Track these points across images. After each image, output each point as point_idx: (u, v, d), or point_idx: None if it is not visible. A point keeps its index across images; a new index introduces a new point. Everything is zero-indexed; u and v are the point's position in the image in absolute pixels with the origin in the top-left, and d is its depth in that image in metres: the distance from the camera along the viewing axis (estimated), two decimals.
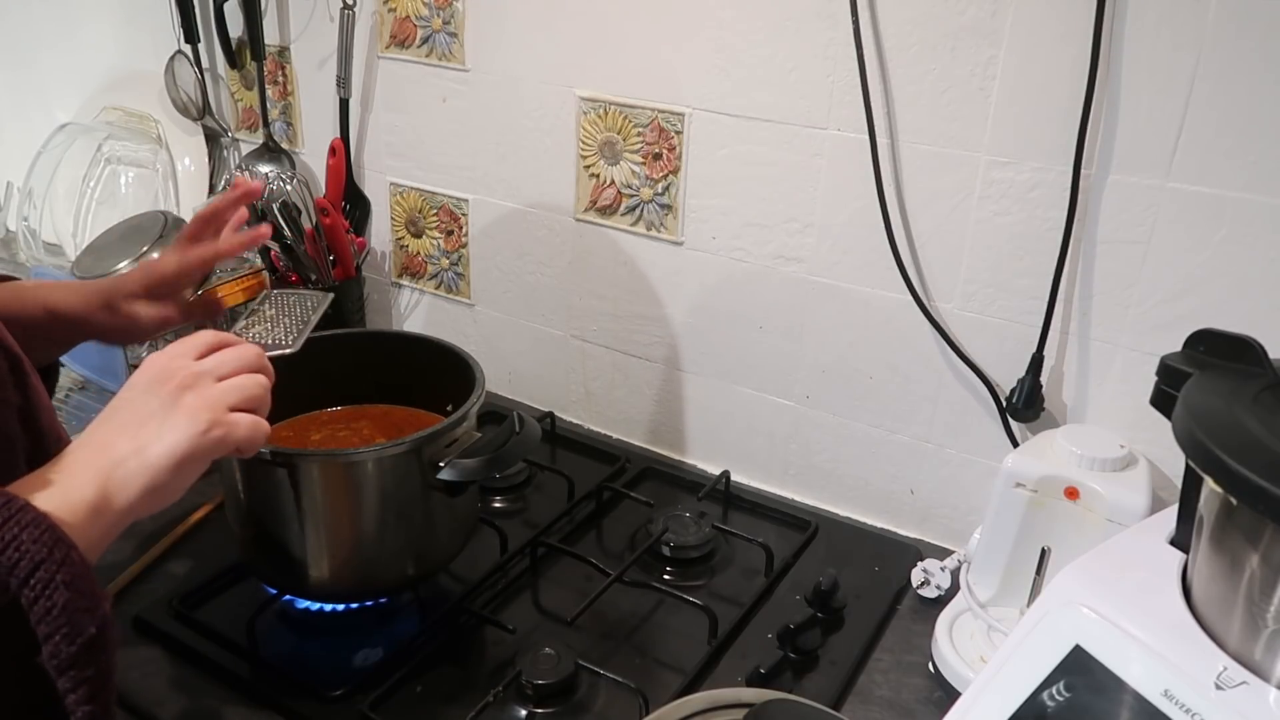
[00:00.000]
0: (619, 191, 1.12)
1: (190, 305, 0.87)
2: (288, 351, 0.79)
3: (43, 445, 0.65)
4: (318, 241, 1.24)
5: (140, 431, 0.58)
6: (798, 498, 1.12)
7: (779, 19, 0.95)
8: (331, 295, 0.87)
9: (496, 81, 1.16)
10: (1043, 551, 0.83)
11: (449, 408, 0.89)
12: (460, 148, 1.23)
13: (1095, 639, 0.55)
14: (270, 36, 1.34)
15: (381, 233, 1.35)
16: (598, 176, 1.13)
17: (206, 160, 1.44)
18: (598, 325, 1.20)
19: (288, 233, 1.24)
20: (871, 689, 0.85)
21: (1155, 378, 0.61)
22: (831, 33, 0.93)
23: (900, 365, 1.00)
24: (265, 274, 1.31)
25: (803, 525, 1.05)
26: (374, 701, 0.79)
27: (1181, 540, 0.60)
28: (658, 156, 1.07)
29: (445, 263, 1.30)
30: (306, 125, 1.38)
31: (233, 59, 1.39)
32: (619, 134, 1.09)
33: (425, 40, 1.20)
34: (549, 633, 0.89)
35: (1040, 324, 0.90)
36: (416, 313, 1.37)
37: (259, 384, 0.65)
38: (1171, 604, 0.55)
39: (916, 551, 1.01)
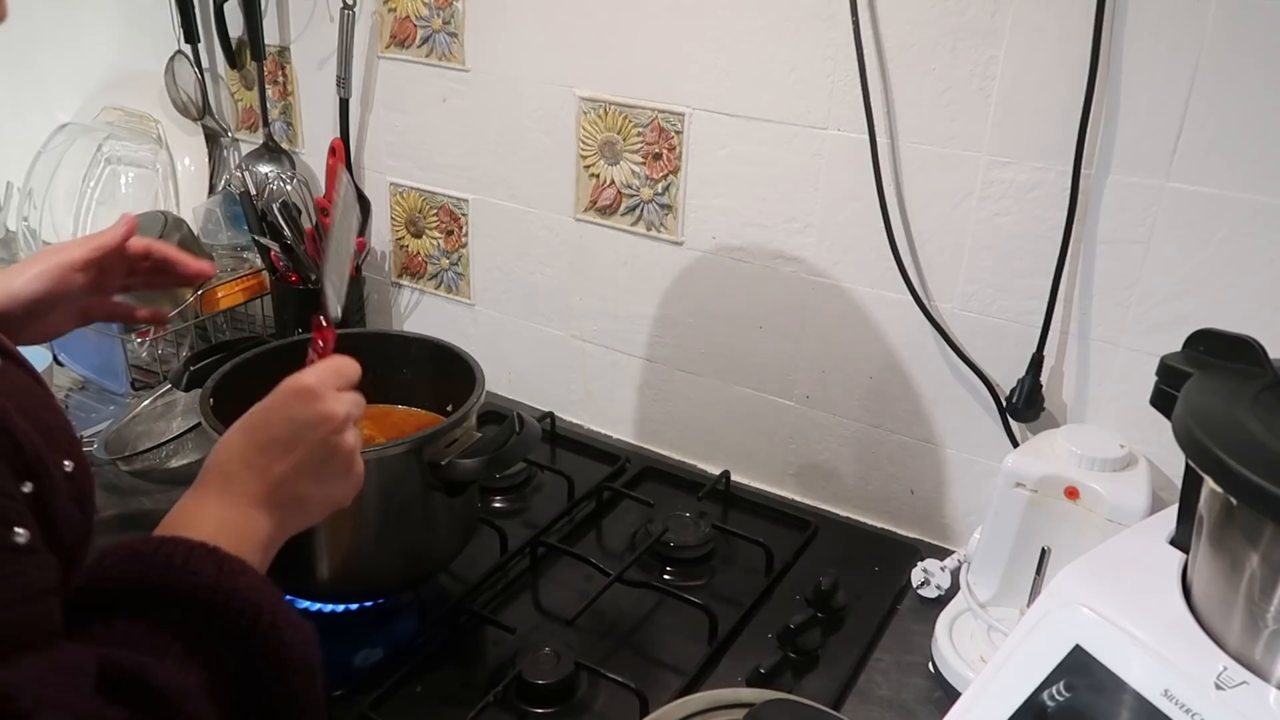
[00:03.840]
0: (619, 191, 1.12)
1: (145, 313, 0.89)
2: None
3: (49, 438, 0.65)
4: (318, 241, 1.24)
5: (322, 471, 0.61)
6: (798, 498, 1.12)
7: (779, 19, 0.95)
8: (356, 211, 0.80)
9: (496, 81, 1.16)
10: (1043, 551, 0.83)
11: (449, 408, 0.89)
12: (460, 148, 1.23)
13: (1095, 639, 0.55)
14: (270, 36, 1.33)
15: (381, 233, 1.35)
16: (598, 176, 1.13)
17: (206, 160, 1.44)
18: (598, 325, 1.20)
19: (288, 233, 1.24)
20: (871, 689, 0.85)
21: (1155, 378, 0.61)
22: (831, 33, 0.93)
23: (900, 365, 1.00)
24: (265, 274, 1.31)
25: (803, 525, 1.05)
26: (374, 701, 0.79)
27: (1181, 540, 0.60)
28: (658, 156, 1.07)
29: (445, 263, 1.30)
30: (306, 125, 1.37)
31: (233, 59, 1.39)
32: (619, 134, 1.09)
33: (425, 40, 1.20)
34: (549, 633, 0.89)
35: (1040, 324, 0.90)
36: (416, 313, 1.37)
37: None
38: (1171, 604, 0.55)
39: (916, 551, 1.01)
